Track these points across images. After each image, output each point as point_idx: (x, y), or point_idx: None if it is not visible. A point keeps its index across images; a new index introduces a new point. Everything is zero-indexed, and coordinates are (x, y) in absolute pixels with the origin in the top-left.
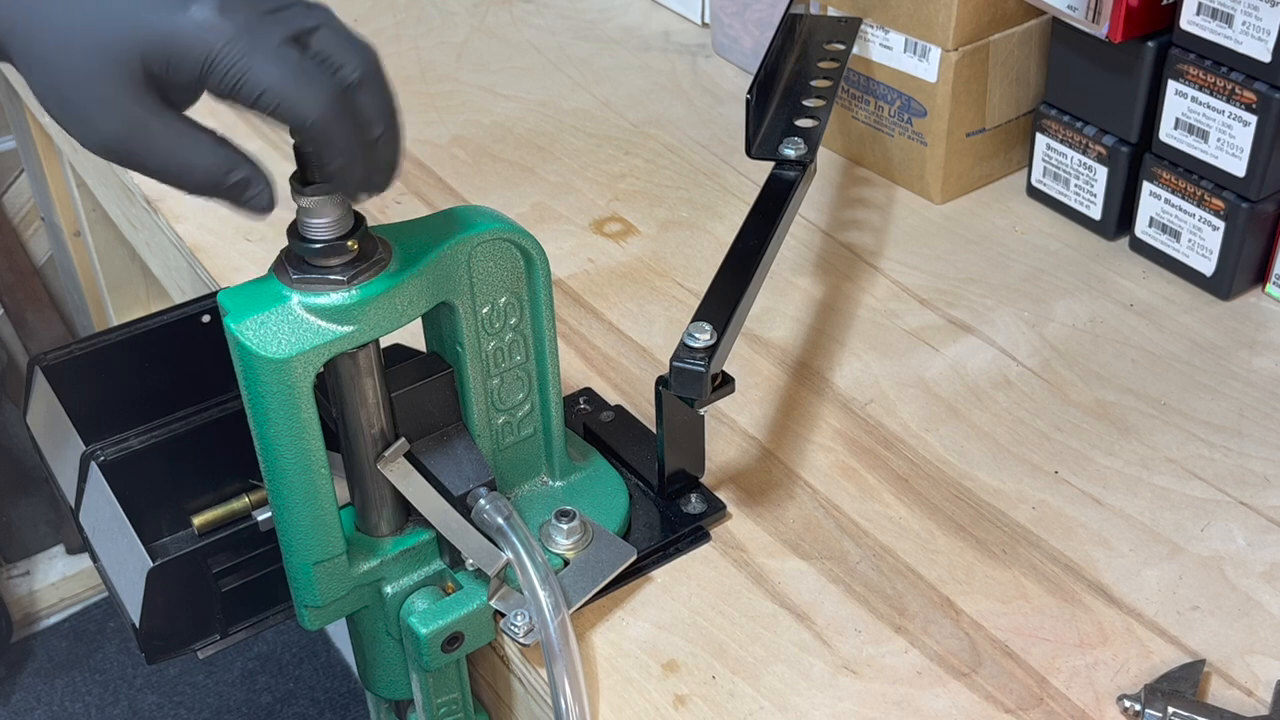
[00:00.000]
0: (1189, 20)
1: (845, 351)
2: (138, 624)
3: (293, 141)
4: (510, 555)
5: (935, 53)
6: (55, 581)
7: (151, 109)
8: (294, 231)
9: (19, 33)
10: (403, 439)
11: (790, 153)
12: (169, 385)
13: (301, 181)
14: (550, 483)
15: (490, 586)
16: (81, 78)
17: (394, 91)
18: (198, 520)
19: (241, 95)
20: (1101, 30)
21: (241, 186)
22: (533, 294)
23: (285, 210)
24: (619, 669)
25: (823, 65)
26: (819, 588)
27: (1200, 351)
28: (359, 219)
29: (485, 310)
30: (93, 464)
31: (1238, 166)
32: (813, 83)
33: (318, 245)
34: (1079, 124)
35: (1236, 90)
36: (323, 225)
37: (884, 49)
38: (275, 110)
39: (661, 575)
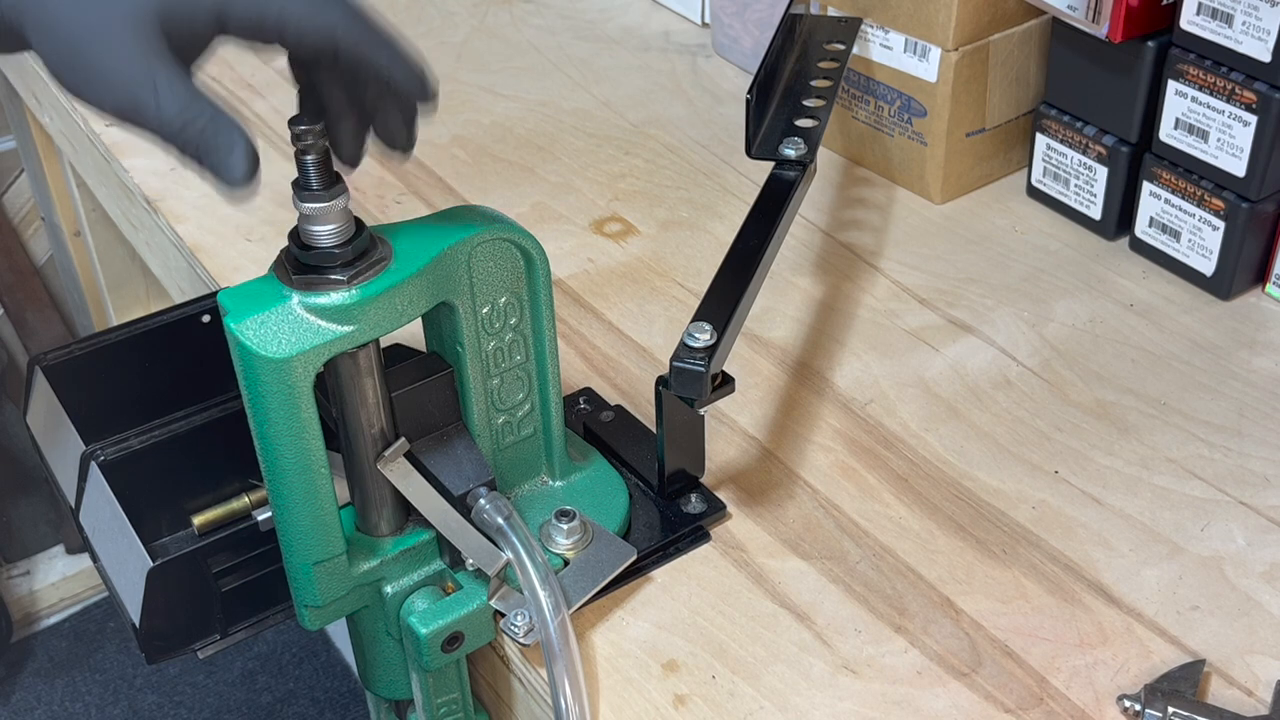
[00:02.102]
0: (1189, 20)
1: (845, 351)
2: (138, 624)
3: (294, 147)
4: (510, 555)
5: (935, 53)
6: (55, 581)
7: (165, 59)
8: (295, 239)
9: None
10: (403, 439)
11: (790, 153)
12: (169, 385)
13: (303, 189)
14: (550, 483)
15: (490, 586)
16: (97, 30)
17: None
18: (198, 520)
19: (265, 27)
20: (1101, 30)
21: (225, 149)
22: (533, 294)
23: (287, 212)
24: (619, 669)
25: (823, 65)
26: (819, 588)
27: (1200, 351)
28: (359, 225)
29: (485, 310)
30: (93, 464)
31: (1238, 166)
32: (813, 83)
33: (319, 252)
34: (1079, 124)
35: (1236, 90)
36: (325, 233)
37: (884, 49)
38: (300, 38)
39: (661, 575)
